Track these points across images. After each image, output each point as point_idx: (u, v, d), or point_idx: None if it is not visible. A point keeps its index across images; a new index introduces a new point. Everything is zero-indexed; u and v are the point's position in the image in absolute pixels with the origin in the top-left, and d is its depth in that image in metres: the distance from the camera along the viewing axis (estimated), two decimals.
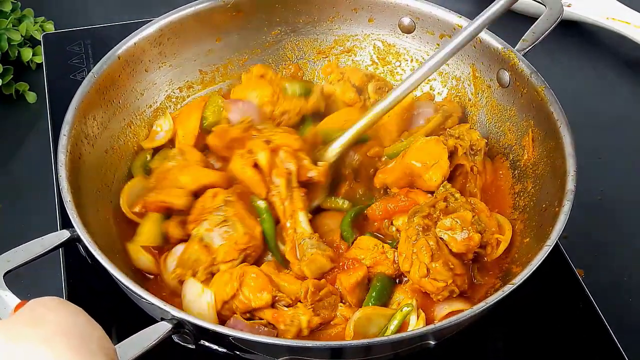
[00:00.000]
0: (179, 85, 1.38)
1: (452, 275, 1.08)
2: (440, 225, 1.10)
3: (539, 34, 1.29)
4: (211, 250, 1.12)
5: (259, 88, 1.33)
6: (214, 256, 1.11)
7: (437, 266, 1.07)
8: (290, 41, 1.45)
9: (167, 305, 0.93)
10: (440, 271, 1.07)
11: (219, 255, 1.11)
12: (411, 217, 1.12)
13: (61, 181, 1.06)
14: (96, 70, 1.22)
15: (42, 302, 0.74)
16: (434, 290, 1.08)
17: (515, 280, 0.98)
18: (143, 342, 0.88)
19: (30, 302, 0.74)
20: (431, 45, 1.39)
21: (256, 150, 1.19)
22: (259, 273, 1.09)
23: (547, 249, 1.01)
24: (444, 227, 1.10)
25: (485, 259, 1.15)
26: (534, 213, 1.18)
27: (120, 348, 0.85)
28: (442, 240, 1.09)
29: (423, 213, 1.11)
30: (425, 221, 1.11)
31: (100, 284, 1.08)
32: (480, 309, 0.95)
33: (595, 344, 1.17)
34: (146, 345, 0.88)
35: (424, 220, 1.11)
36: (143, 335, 0.89)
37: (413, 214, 1.12)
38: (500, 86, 1.32)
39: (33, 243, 0.98)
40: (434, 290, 1.08)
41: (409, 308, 1.05)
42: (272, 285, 1.09)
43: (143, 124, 1.32)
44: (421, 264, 1.07)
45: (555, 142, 1.17)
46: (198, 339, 0.95)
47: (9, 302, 0.90)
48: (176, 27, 1.34)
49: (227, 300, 1.07)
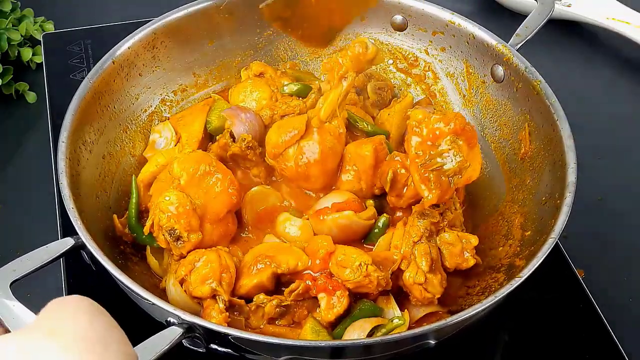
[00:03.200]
0: (173, 89, 1.38)
1: (442, 291, 1.09)
2: (442, 238, 1.12)
3: (532, 29, 1.30)
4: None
5: (257, 89, 1.33)
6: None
7: (434, 280, 1.08)
8: (283, 42, 1.46)
9: (178, 310, 0.92)
10: (434, 285, 1.08)
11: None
12: (420, 216, 1.12)
13: (62, 189, 1.05)
14: (91, 76, 1.22)
15: (60, 305, 0.72)
16: (420, 299, 1.09)
17: (522, 273, 0.98)
18: (156, 348, 0.87)
19: (50, 305, 0.72)
20: (424, 42, 1.40)
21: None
22: (216, 259, 1.07)
23: (553, 241, 1.01)
24: (445, 240, 1.12)
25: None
26: (534, 206, 1.18)
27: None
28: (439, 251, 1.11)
29: (433, 219, 1.12)
30: (432, 227, 1.11)
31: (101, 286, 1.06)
32: (489, 303, 0.96)
33: (595, 344, 1.18)
34: (159, 350, 0.87)
35: (432, 226, 1.11)
36: (155, 341, 0.88)
37: (423, 215, 1.12)
38: (494, 81, 1.32)
39: (38, 251, 0.97)
40: (419, 299, 1.09)
41: (400, 322, 1.05)
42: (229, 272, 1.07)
43: (139, 128, 1.32)
44: (420, 270, 1.08)
45: (552, 135, 1.18)
46: (209, 342, 0.94)
47: (18, 313, 0.89)
48: (169, 31, 1.33)
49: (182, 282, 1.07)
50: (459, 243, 1.12)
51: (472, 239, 1.13)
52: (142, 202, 1.19)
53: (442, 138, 1.07)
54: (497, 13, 1.86)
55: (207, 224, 1.11)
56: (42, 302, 0.81)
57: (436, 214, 1.13)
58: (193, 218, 1.09)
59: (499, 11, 1.87)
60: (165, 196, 1.09)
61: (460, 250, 1.12)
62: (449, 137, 1.06)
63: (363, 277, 1.05)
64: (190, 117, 1.31)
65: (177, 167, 1.12)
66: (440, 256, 1.12)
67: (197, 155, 1.15)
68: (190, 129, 1.29)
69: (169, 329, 0.91)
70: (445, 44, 1.38)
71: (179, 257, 1.10)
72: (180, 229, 1.08)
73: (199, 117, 1.29)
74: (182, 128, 1.30)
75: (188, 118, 1.31)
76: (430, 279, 1.08)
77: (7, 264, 0.96)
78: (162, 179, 1.16)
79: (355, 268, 1.05)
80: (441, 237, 1.12)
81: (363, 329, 1.03)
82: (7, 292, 0.91)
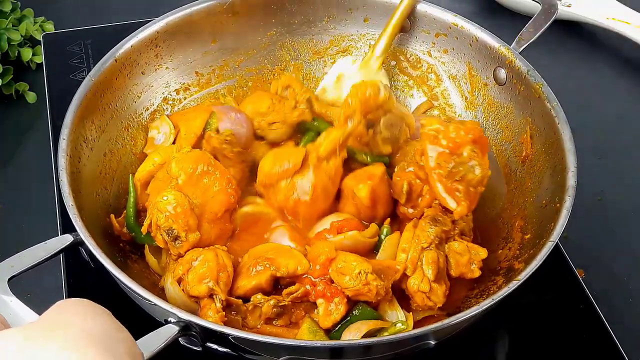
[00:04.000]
0: (176, 88, 1.38)
1: (444, 301, 1.09)
2: (452, 246, 1.11)
3: (535, 32, 1.30)
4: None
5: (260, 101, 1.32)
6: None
7: (439, 290, 1.07)
8: (286, 42, 1.45)
9: (174, 308, 0.92)
10: (438, 295, 1.08)
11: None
12: (432, 222, 1.11)
13: (62, 185, 1.06)
14: (93, 74, 1.22)
15: (66, 305, 0.72)
16: (421, 305, 1.09)
17: (520, 276, 0.98)
18: (152, 345, 0.87)
19: (55, 305, 0.72)
20: (427, 44, 1.40)
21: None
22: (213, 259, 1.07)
23: (551, 245, 1.01)
24: (454, 249, 1.11)
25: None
26: (534, 209, 1.18)
27: None
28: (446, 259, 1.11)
29: (445, 227, 1.11)
30: (442, 235, 1.10)
31: (100, 283, 1.08)
32: (486, 305, 0.95)
33: (595, 344, 1.18)
34: (155, 348, 0.87)
35: (443, 233, 1.11)
36: (151, 338, 0.88)
37: (435, 221, 1.11)
38: (496, 84, 1.32)
39: (36, 248, 0.98)
40: (421, 305, 1.09)
41: (403, 326, 1.04)
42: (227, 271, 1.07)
43: (140, 127, 1.32)
44: (425, 278, 1.07)
45: (553, 139, 1.17)
46: (205, 341, 0.94)
47: (16, 309, 0.89)
48: (172, 29, 1.33)
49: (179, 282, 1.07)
50: (467, 254, 1.11)
51: (481, 252, 1.12)
52: (140, 201, 1.19)
53: (463, 147, 1.06)
54: (497, 13, 1.86)
55: (205, 223, 1.11)
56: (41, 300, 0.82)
57: (448, 221, 1.12)
58: (191, 218, 1.09)
59: (500, 11, 1.87)
60: (163, 196, 1.09)
61: (467, 260, 1.11)
62: (469, 147, 1.06)
63: (362, 286, 1.04)
64: (194, 113, 1.31)
65: (175, 167, 1.12)
66: (447, 264, 1.11)
67: (195, 154, 1.15)
68: (190, 124, 1.28)
69: (166, 326, 0.91)
70: (448, 46, 1.38)
71: (177, 257, 1.10)
72: (178, 228, 1.08)
73: (202, 115, 1.29)
74: (183, 122, 1.30)
75: (191, 114, 1.31)
76: (435, 288, 1.07)
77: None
78: (160, 178, 1.16)
79: (354, 276, 1.04)
80: (450, 245, 1.11)
81: (359, 331, 1.03)
82: (4, 288, 0.91)
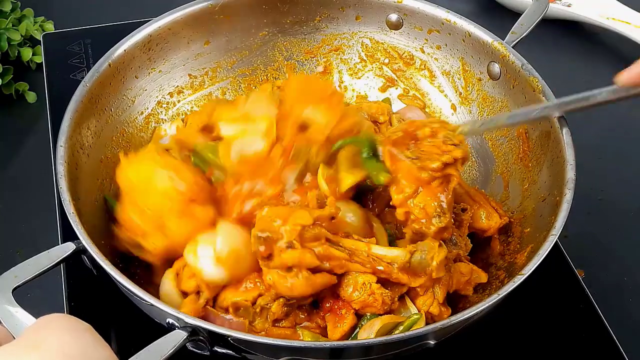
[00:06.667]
0: (169, 91, 1.37)
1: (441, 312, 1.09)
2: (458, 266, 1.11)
3: (527, 26, 1.31)
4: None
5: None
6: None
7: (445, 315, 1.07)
8: (279, 42, 1.45)
9: (181, 313, 0.92)
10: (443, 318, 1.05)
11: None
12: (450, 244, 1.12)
13: (62, 193, 1.05)
14: (88, 79, 1.21)
15: (46, 321, 0.74)
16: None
17: (524, 270, 0.98)
18: (161, 352, 0.86)
19: (35, 323, 0.74)
20: (420, 40, 1.40)
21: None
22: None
23: (554, 238, 1.01)
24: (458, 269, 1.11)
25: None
26: (533, 203, 1.19)
27: (138, 359, 0.85)
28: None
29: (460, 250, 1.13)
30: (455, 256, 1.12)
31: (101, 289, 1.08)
32: (492, 301, 0.96)
33: (595, 344, 1.18)
34: (164, 354, 0.86)
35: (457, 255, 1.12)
36: (159, 345, 0.88)
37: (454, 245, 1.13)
38: (490, 79, 1.32)
39: (40, 257, 0.97)
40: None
41: (417, 316, 1.05)
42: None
43: (135, 131, 1.31)
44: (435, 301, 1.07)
45: (550, 132, 1.18)
46: (213, 346, 0.94)
47: (21, 319, 0.88)
48: (164, 32, 1.32)
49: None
50: (469, 275, 1.12)
51: (482, 276, 1.13)
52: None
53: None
54: (496, 12, 1.86)
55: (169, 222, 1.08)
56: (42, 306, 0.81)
57: (463, 244, 1.13)
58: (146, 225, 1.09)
59: (498, 10, 1.87)
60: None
61: (467, 280, 1.11)
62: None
63: (367, 296, 1.04)
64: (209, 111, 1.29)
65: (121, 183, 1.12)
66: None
67: (139, 161, 1.13)
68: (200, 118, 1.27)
69: (173, 332, 0.90)
70: (441, 42, 1.38)
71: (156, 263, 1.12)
72: (137, 239, 1.09)
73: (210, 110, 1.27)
74: (195, 114, 1.32)
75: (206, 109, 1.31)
76: (442, 313, 1.07)
77: (6, 263, 0.96)
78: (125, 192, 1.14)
79: (359, 287, 1.04)
80: (458, 265, 1.12)
81: (372, 327, 1.03)
82: (9, 298, 0.90)
